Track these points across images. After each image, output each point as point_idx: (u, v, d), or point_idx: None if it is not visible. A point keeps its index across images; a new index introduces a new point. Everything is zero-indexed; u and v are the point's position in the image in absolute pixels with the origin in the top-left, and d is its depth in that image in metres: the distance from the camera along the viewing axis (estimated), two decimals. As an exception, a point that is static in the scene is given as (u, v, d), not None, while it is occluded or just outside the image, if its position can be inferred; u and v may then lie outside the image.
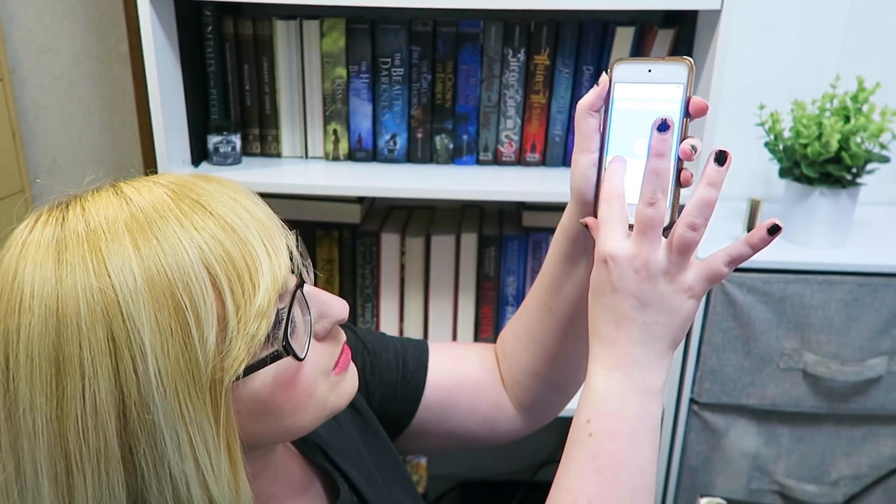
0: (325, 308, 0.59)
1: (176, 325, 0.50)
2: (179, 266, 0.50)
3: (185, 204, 0.53)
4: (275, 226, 0.57)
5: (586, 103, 0.62)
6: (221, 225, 0.53)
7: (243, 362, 0.52)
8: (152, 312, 0.49)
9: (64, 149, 1.66)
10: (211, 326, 0.50)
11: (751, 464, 1.42)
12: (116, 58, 1.59)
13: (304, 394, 0.58)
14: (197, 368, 0.50)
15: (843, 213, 1.32)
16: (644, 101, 0.59)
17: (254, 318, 0.52)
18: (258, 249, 0.53)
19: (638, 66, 0.59)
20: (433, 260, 1.42)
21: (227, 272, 0.51)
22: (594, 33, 1.30)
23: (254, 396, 0.55)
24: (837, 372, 1.31)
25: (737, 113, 1.45)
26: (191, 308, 0.50)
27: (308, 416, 0.59)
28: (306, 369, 0.57)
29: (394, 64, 1.32)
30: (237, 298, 0.51)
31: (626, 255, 0.57)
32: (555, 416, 0.85)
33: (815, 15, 1.48)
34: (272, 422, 0.57)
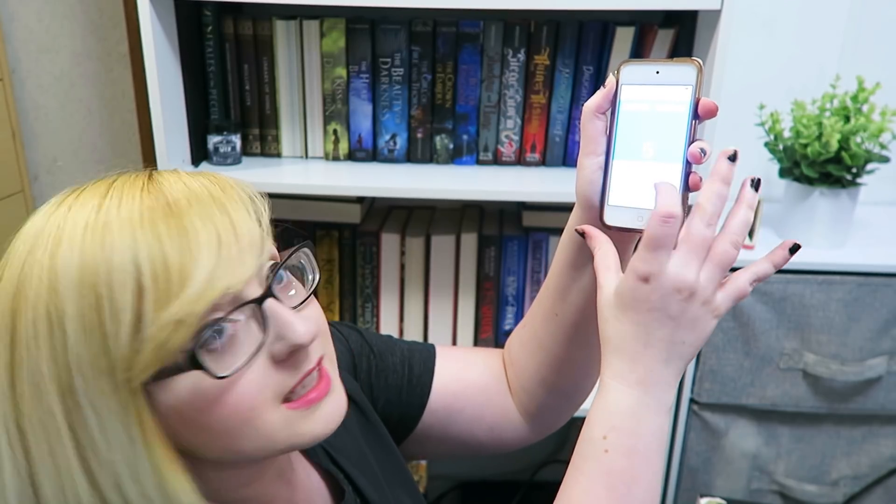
0: (283, 329, 0.54)
1: (94, 317, 0.50)
2: (110, 260, 0.50)
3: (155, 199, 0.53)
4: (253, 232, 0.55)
5: (593, 105, 0.60)
6: (176, 227, 0.52)
7: (150, 368, 0.50)
8: (77, 301, 0.50)
9: (64, 149, 1.66)
10: (125, 324, 0.50)
11: (751, 464, 1.42)
12: (116, 58, 1.59)
13: (238, 418, 0.54)
14: (109, 363, 0.50)
15: (843, 213, 1.32)
16: (651, 102, 0.58)
17: (167, 325, 0.50)
18: (204, 254, 0.51)
19: (645, 67, 0.58)
20: (433, 260, 1.42)
21: (153, 272, 0.50)
22: (594, 33, 1.30)
23: (174, 406, 0.53)
24: (837, 372, 1.31)
25: (737, 113, 1.45)
26: (108, 302, 0.50)
27: (249, 444, 0.55)
28: (240, 391, 0.53)
29: (394, 64, 1.32)
30: (159, 301, 0.50)
31: (672, 275, 0.55)
32: (562, 424, 0.84)
33: (815, 15, 1.48)
34: (208, 439, 0.55)
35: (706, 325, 0.57)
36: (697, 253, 0.56)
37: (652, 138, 0.58)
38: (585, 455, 0.58)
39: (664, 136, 0.58)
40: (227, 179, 0.59)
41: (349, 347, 0.82)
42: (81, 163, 1.67)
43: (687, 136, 0.58)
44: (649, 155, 0.59)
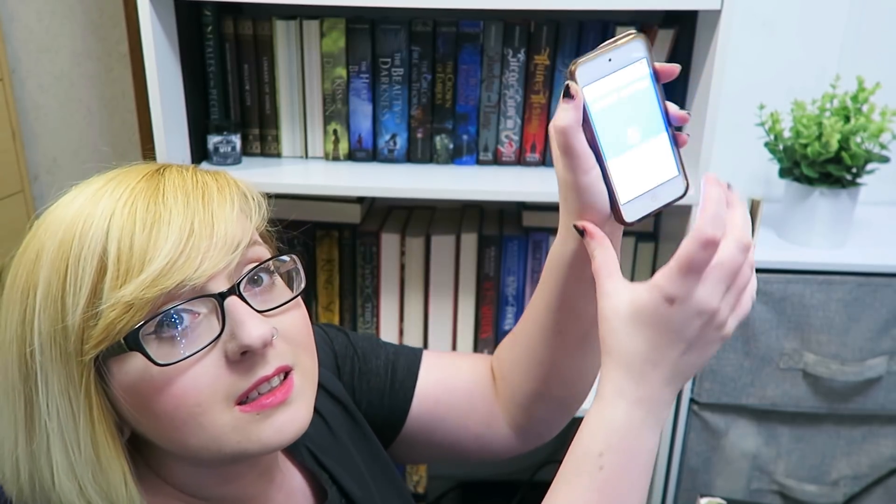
0: (237, 328, 0.54)
1: (58, 286, 0.52)
2: (85, 235, 0.53)
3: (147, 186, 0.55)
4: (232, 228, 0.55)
5: (571, 121, 0.55)
6: (154, 213, 0.53)
7: (100, 345, 0.52)
8: (49, 270, 0.53)
9: (64, 149, 1.66)
10: (82, 297, 0.52)
11: (751, 464, 1.42)
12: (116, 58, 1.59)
13: (182, 410, 0.54)
14: (65, 333, 0.53)
15: (843, 213, 1.32)
16: (617, 90, 0.57)
17: (118, 305, 0.51)
18: (170, 242, 0.52)
19: (597, 60, 0.56)
20: (433, 260, 1.42)
21: (118, 252, 0.52)
22: (594, 33, 1.30)
23: (124, 386, 0.54)
24: (837, 372, 1.31)
25: (737, 113, 1.45)
26: (72, 274, 0.52)
27: (194, 440, 0.55)
28: (185, 383, 0.53)
29: (394, 64, 1.32)
30: (116, 281, 0.52)
31: (699, 300, 0.53)
32: (554, 435, 0.82)
33: (815, 15, 1.48)
34: (157, 428, 0.56)
35: (714, 348, 0.57)
36: (727, 280, 0.54)
37: (632, 123, 0.57)
38: (579, 469, 0.57)
39: (641, 116, 0.57)
40: (230, 179, 0.60)
41: (333, 349, 0.82)
42: (81, 163, 1.67)
43: (660, 107, 0.57)
44: (636, 139, 0.57)
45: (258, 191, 0.63)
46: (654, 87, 0.57)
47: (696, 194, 1.27)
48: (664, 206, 0.59)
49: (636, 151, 0.58)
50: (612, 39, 0.56)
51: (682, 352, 0.55)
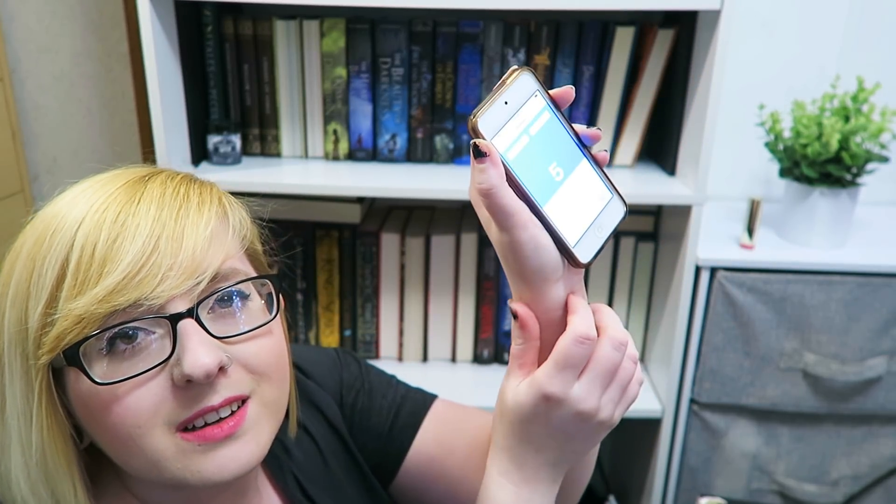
0: (183, 354, 0.52)
1: (25, 287, 0.52)
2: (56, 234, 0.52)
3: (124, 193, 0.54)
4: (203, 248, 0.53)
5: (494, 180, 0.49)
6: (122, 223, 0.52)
7: (51, 353, 0.51)
8: (21, 269, 0.53)
9: (64, 149, 1.66)
10: (41, 302, 0.51)
11: (751, 464, 1.42)
12: (116, 58, 1.59)
13: (124, 431, 0.52)
14: (25, 334, 0.52)
15: (843, 213, 1.32)
16: (524, 131, 0.53)
17: (70, 318, 0.50)
18: (129, 260, 0.50)
19: (495, 108, 0.52)
20: (433, 260, 1.42)
21: (79, 259, 0.51)
22: (594, 33, 1.30)
23: (77, 397, 0.54)
24: (837, 372, 1.31)
25: (737, 113, 1.45)
26: (37, 276, 0.52)
27: (137, 461, 0.54)
28: (127, 404, 0.52)
29: (394, 64, 1.32)
30: (72, 290, 0.51)
31: (575, 401, 0.53)
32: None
33: (815, 15, 1.48)
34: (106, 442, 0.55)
35: (600, 436, 0.57)
36: (604, 379, 0.54)
37: (551, 160, 0.54)
38: None
39: (557, 150, 0.54)
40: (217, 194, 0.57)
41: (341, 376, 0.79)
42: (81, 163, 1.67)
43: (570, 134, 0.54)
44: (561, 175, 0.54)
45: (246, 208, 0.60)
46: (558, 117, 0.54)
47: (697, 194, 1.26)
48: (612, 232, 0.56)
49: (566, 188, 0.54)
50: (500, 81, 0.53)
51: (563, 441, 0.55)
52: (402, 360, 1.50)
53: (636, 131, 1.36)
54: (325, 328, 1.48)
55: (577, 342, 0.52)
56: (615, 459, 1.76)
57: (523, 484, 0.56)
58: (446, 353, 1.49)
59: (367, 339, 1.48)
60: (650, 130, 1.37)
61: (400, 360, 1.50)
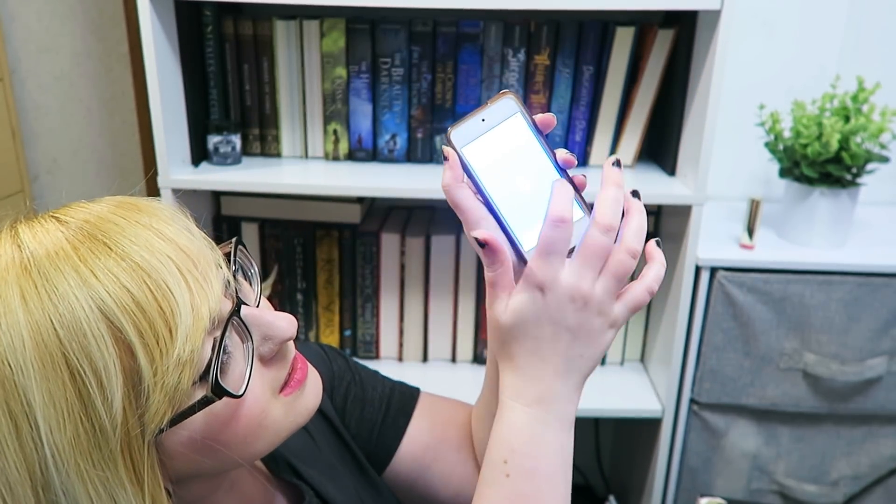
0: (269, 329, 0.55)
1: (73, 394, 0.45)
2: (74, 323, 0.45)
3: (86, 247, 0.48)
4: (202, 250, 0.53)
5: (448, 179, 0.55)
6: (131, 267, 0.48)
7: (166, 415, 0.48)
8: (43, 382, 0.45)
9: (64, 149, 1.66)
10: (116, 388, 0.46)
11: (751, 464, 1.42)
12: (116, 58, 1.59)
13: (252, 424, 0.54)
14: (103, 437, 0.46)
15: (843, 213, 1.32)
16: (497, 146, 0.58)
17: (174, 368, 0.47)
18: (176, 289, 0.49)
19: (470, 122, 0.57)
20: (433, 260, 1.42)
21: (135, 323, 0.47)
22: (594, 33, 1.30)
23: (189, 442, 0.51)
24: (837, 372, 1.31)
25: (737, 113, 1.45)
26: (89, 372, 0.45)
27: (262, 442, 0.56)
28: (250, 400, 0.53)
29: (394, 64, 1.32)
30: (151, 350, 0.47)
31: (566, 284, 0.53)
32: None
33: (815, 15, 1.48)
34: (219, 456, 0.54)
35: (603, 337, 0.56)
36: (593, 263, 0.54)
37: (522, 175, 0.58)
38: (487, 481, 0.56)
39: (530, 167, 0.58)
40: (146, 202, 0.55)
41: (331, 368, 0.80)
42: (81, 163, 1.67)
43: (547, 153, 0.58)
44: (527, 189, 0.57)
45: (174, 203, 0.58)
46: (538, 138, 0.58)
47: (697, 194, 1.26)
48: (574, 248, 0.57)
49: (532, 201, 0.57)
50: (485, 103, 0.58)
51: (567, 342, 0.55)
52: (402, 360, 1.49)
53: (636, 131, 1.36)
54: (325, 328, 1.48)
55: (552, 225, 0.53)
56: (615, 459, 1.76)
57: (535, 403, 0.55)
58: (446, 353, 1.49)
59: (367, 339, 1.48)
60: (650, 130, 1.37)
61: (400, 360, 1.50)
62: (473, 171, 0.57)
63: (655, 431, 1.40)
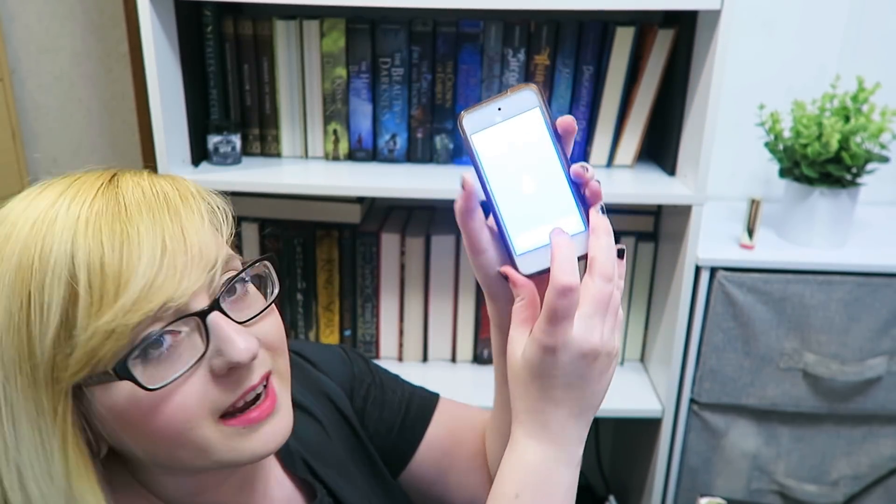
0: (223, 344, 0.53)
1: (22, 316, 0.50)
2: (47, 259, 0.50)
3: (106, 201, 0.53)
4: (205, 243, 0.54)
5: (460, 209, 0.57)
6: (120, 232, 0.51)
7: (83, 371, 0.50)
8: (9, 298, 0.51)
9: (64, 149, 1.66)
10: (51, 325, 0.50)
11: (751, 464, 1.42)
12: (116, 58, 1.59)
13: (172, 429, 0.53)
14: (32, 364, 0.50)
15: (843, 213, 1.32)
16: (508, 139, 0.56)
17: (100, 333, 0.49)
18: (144, 266, 0.50)
19: (486, 108, 0.56)
20: (433, 260, 1.42)
21: (89, 279, 0.50)
22: (594, 33, 1.30)
23: (111, 410, 0.53)
24: (837, 372, 1.31)
25: (737, 113, 1.45)
26: (37, 303, 0.50)
27: (186, 454, 0.55)
28: (175, 403, 0.53)
29: (394, 64, 1.32)
30: (90, 308, 0.49)
31: (577, 343, 0.54)
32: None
33: (815, 15, 1.48)
34: (148, 446, 0.55)
35: (610, 372, 0.57)
36: (600, 312, 0.55)
37: (526, 172, 0.56)
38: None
39: (538, 166, 0.56)
40: (192, 186, 0.58)
41: (351, 370, 0.81)
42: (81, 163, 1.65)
43: (559, 157, 0.55)
44: (532, 188, 0.56)
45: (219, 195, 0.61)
46: (553, 139, 0.55)
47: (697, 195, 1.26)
48: None
49: (533, 201, 0.56)
50: (505, 91, 0.56)
51: (580, 388, 0.55)
52: (402, 360, 1.50)
53: (636, 131, 1.36)
54: (325, 328, 1.48)
55: (559, 296, 0.52)
56: (615, 459, 1.76)
57: (550, 443, 0.56)
58: (446, 353, 1.49)
59: (367, 339, 1.48)
60: (650, 130, 1.37)
61: (400, 360, 1.50)
62: (480, 160, 0.56)
63: (655, 431, 1.40)
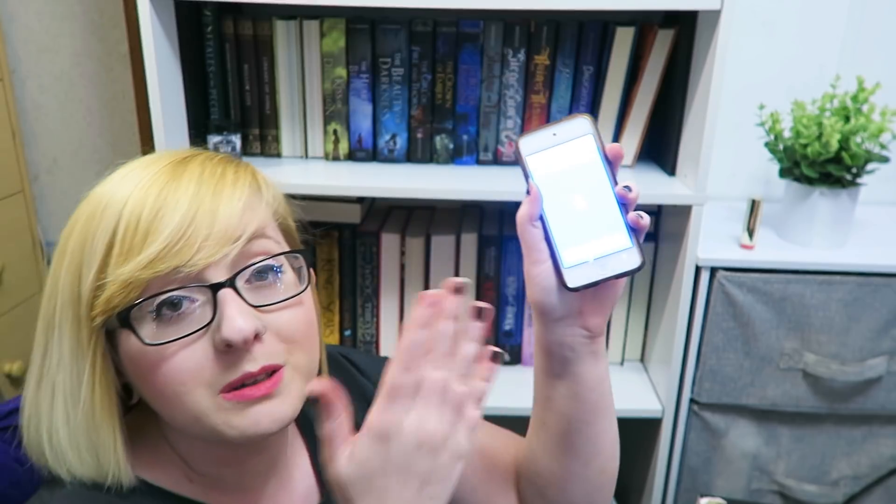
0: (222, 321, 0.56)
1: (79, 253, 0.57)
2: (107, 208, 0.57)
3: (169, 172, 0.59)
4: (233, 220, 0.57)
5: (525, 214, 0.60)
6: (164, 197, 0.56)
7: (102, 315, 0.56)
8: (77, 236, 0.58)
9: (64, 149, 1.66)
10: (93, 268, 0.56)
11: (751, 464, 1.42)
12: (116, 58, 1.59)
13: (169, 388, 0.57)
14: (79, 298, 0.57)
15: (843, 213, 1.32)
16: (561, 161, 0.60)
17: (117, 282, 0.55)
18: (168, 231, 0.55)
19: (541, 133, 0.60)
20: (433, 260, 1.42)
21: (126, 229, 0.56)
22: (594, 33, 1.30)
23: (127, 356, 0.58)
24: (837, 372, 1.31)
25: (737, 113, 1.45)
26: (90, 244, 0.57)
27: (178, 416, 0.58)
28: (173, 364, 0.56)
29: (394, 64, 1.32)
30: (120, 257, 0.55)
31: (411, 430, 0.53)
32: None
33: (815, 15, 1.48)
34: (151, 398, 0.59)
35: (454, 472, 0.55)
36: (432, 400, 0.53)
37: (578, 192, 0.60)
38: None
39: (588, 187, 0.60)
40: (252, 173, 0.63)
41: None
42: (81, 163, 1.67)
43: (609, 179, 0.60)
44: (582, 206, 0.60)
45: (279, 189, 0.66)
46: (603, 162, 0.60)
47: (697, 195, 1.26)
48: (615, 276, 0.59)
49: (583, 219, 0.60)
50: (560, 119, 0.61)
51: (417, 488, 0.53)
52: (402, 360, 1.49)
53: (636, 131, 1.36)
54: (325, 328, 1.48)
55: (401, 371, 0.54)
56: (615, 459, 1.76)
57: None
58: (446, 353, 1.49)
59: (367, 339, 1.48)
60: (650, 130, 1.37)
61: (400, 360, 1.49)
62: (534, 180, 0.60)
63: (655, 431, 1.40)
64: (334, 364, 0.80)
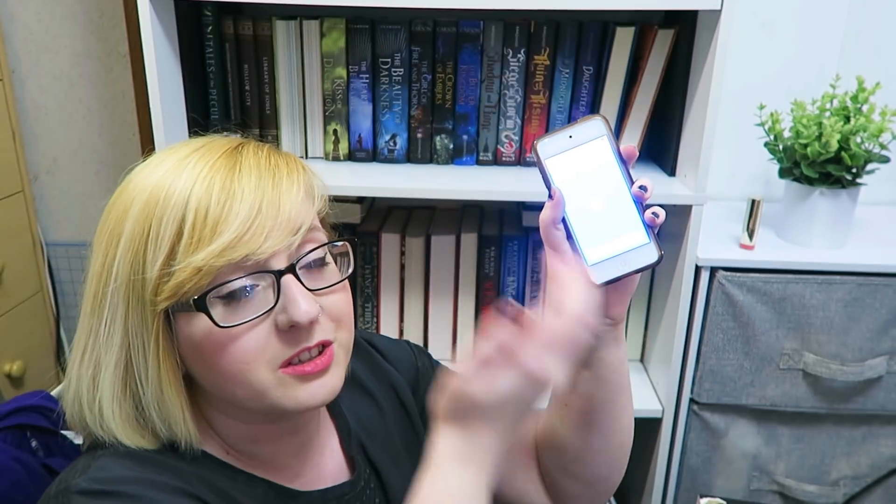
0: (288, 304, 0.61)
1: (141, 241, 0.60)
2: (169, 198, 0.60)
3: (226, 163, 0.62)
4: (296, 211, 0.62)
5: (545, 217, 0.63)
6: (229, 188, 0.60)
7: (170, 299, 0.59)
8: (134, 224, 0.60)
9: (64, 149, 1.66)
10: (161, 254, 0.59)
11: (751, 464, 1.42)
12: (116, 58, 1.59)
13: (234, 367, 0.61)
14: (143, 282, 0.60)
15: (843, 213, 1.32)
16: (578, 163, 0.62)
17: (188, 269, 0.58)
18: (239, 221, 0.59)
19: (558, 136, 0.62)
20: (433, 260, 1.42)
21: (195, 220, 0.59)
22: (594, 33, 1.30)
23: (190, 339, 0.62)
24: (837, 372, 1.31)
25: (737, 113, 1.45)
26: (154, 233, 0.59)
27: (240, 392, 0.63)
28: (240, 344, 0.61)
29: (394, 64, 1.32)
30: (190, 246, 0.59)
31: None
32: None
33: (814, 15, 1.48)
34: (212, 376, 0.63)
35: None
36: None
37: (596, 193, 0.62)
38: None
39: (605, 187, 0.62)
40: (300, 164, 0.67)
41: (416, 365, 0.87)
42: (81, 163, 1.67)
43: (626, 179, 0.62)
44: (601, 207, 0.62)
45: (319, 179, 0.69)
46: (620, 163, 0.62)
47: (697, 195, 1.26)
48: (636, 270, 0.63)
49: (602, 218, 0.62)
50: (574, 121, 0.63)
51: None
52: (402, 360, 1.50)
53: (636, 131, 1.36)
54: (325, 328, 1.48)
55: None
56: (615, 459, 1.76)
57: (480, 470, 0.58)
58: (446, 353, 1.49)
59: (367, 339, 1.48)
60: (650, 130, 1.37)
61: (400, 360, 1.50)
62: (553, 182, 0.62)
63: (655, 431, 1.40)
64: (358, 348, 0.83)
